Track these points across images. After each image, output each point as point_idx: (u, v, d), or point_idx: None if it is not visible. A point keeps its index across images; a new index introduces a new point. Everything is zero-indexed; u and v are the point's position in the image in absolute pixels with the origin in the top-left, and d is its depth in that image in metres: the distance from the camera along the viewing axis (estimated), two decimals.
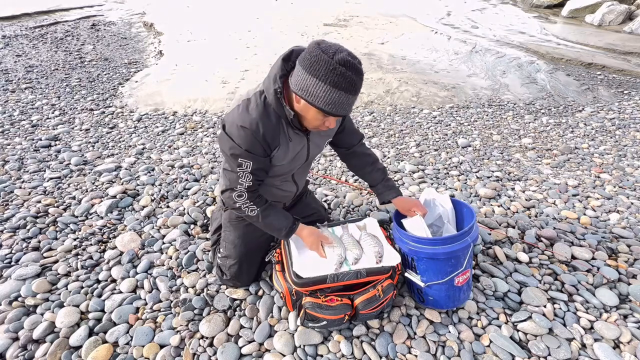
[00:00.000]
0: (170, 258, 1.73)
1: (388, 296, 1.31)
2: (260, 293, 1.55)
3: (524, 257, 1.71)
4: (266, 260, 1.50)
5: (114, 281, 1.61)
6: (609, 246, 1.80)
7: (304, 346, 1.32)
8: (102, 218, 1.98)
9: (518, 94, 4.13)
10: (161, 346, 1.34)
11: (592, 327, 1.39)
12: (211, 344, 1.35)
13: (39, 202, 2.07)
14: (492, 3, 9.46)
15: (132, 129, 3.15)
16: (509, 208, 2.15)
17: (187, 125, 3.26)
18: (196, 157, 2.70)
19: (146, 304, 1.49)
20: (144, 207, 2.07)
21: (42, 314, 1.43)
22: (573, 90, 4.26)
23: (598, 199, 2.24)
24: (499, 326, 1.40)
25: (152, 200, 2.14)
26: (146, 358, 1.30)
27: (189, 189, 2.26)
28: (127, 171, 2.44)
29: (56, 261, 1.69)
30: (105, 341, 1.35)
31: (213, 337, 1.36)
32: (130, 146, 2.85)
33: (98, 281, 1.60)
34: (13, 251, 1.73)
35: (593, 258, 1.71)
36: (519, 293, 1.54)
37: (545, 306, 1.46)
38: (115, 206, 2.07)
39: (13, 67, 4.43)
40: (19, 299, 1.49)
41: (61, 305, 1.47)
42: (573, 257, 1.72)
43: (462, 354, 1.30)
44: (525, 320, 1.41)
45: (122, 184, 2.27)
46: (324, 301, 1.27)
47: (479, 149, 2.92)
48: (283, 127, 1.21)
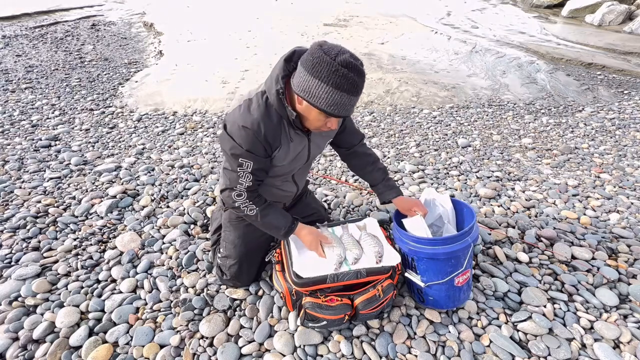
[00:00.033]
0: (170, 258, 1.73)
1: (388, 296, 1.31)
2: (260, 293, 1.55)
3: (524, 257, 1.71)
4: (266, 260, 1.50)
5: (114, 281, 1.61)
6: (609, 246, 1.80)
7: (304, 346, 1.32)
8: (102, 218, 1.98)
9: (518, 94, 4.13)
10: (161, 346, 1.34)
11: (592, 327, 1.39)
12: (211, 344, 1.35)
13: (39, 202, 2.07)
14: (492, 3, 9.46)
15: (132, 129, 3.15)
16: (509, 208, 2.15)
17: (187, 125, 3.26)
18: (196, 157, 2.70)
19: (146, 304, 1.49)
20: (144, 207, 2.07)
21: (42, 314, 1.43)
22: (573, 90, 4.26)
23: (598, 199, 2.24)
24: (499, 326, 1.40)
25: (152, 200, 2.14)
26: (146, 358, 1.30)
27: (189, 189, 2.26)
28: (127, 171, 2.44)
29: (56, 261, 1.69)
30: (105, 341, 1.35)
31: (213, 337, 1.36)
32: (130, 146, 2.85)
33: (98, 281, 1.60)
34: (13, 251, 1.73)
35: (593, 258, 1.71)
36: (519, 293, 1.54)
37: (545, 306, 1.46)
38: (115, 206, 2.07)
39: (13, 67, 4.43)
40: (19, 299, 1.49)
41: (61, 305, 1.47)
42: (573, 257, 1.72)
43: (462, 354, 1.30)
44: (525, 320, 1.41)
45: (122, 184, 2.27)
46: (324, 301, 1.27)
47: (479, 149, 2.92)
48: (284, 128, 1.21)
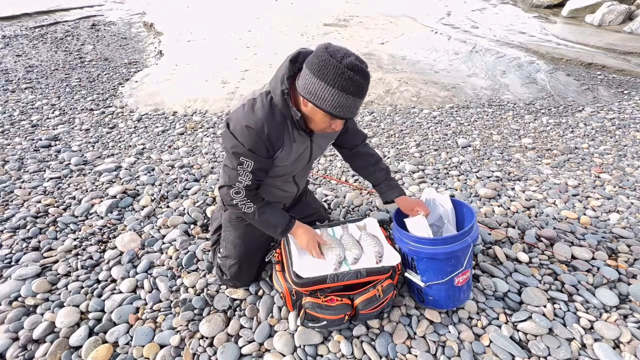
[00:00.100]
0: (170, 258, 1.73)
1: (388, 296, 1.31)
2: (260, 293, 1.55)
3: (524, 257, 1.71)
4: (266, 260, 1.50)
5: (114, 281, 1.61)
6: (609, 246, 1.80)
7: (304, 346, 1.32)
8: (102, 218, 1.98)
9: (518, 94, 4.13)
10: (161, 346, 1.34)
11: (592, 327, 1.39)
12: (211, 344, 1.35)
13: (39, 202, 2.07)
14: (492, 3, 9.46)
15: (132, 129, 3.15)
16: (509, 208, 2.15)
17: (187, 125, 3.26)
18: (196, 157, 2.70)
19: (146, 304, 1.49)
20: (144, 207, 2.07)
21: (42, 314, 1.43)
22: (573, 90, 4.26)
23: (598, 199, 2.24)
24: (499, 326, 1.40)
25: (152, 200, 2.14)
26: (146, 358, 1.30)
27: (189, 189, 2.26)
28: (127, 171, 2.44)
29: (56, 261, 1.69)
30: (105, 341, 1.35)
31: (213, 337, 1.36)
32: (130, 146, 2.85)
33: (98, 281, 1.60)
34: (13, 251, 1.73)
35: (593, 258, 1.71)
36: (519, 293, 1.54)
37: (545, 306, 1.46)
38: (115, 206, 2.07)
39: (13, 67, 4.43)
40: (19, 299, 1.49)
41: (61, 305, 1.47)
42: (573, 257, 1.72)
43: (462, 354, 1.30)
44: (525, 320, 1.41)
45: (122, 184, 2.27)
46: (324, 301, 1.27)
47: (479, 149, 2.92)
48: (288, 128, 1.21)
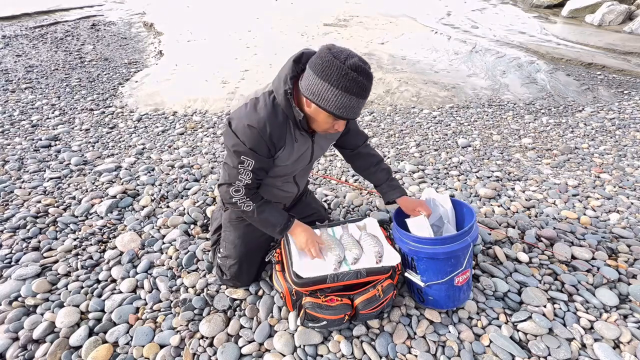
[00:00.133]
0: (170, 258, 1.73)
1: (388, 296, 1.31)
2: (260, 293, 1.55)
3: (524, 257, 1.71)
4: (266, 260, 1.50)
5: (114, 281, 1.61)
6: (609, 246, 1.80)
7: (304, 346, 1.32)
8: (102, 218, 1.98)
9: (518, 94, 4.13)
10: (161, 346, 1.34)
11: (592, 327, 1.39)
12: (211, 344, 1.35)
13: (39, 202, 2.07)
14: (492, 3, 9.46)
15: (132, 129, 3.15)
16: (509, 208, 2.15)
17: (187, 125, 3.26)
18: (196, 157, 2.70)
19: (146, 304, 1.49)
20: (144, 207, 2.07)
21: (42, 314, 1.43)
22: (573, 90, 4.26)
23: (598, 199, 2.24)
24: (499, 326, 1.40)
25: (152, 200, 2.14)
26: (146, 358, 1.30)
27: (189, 189, 2.26)
28: (127, 171, 2.44)
29: (56, 261, 1.69)
30: (105, 341, 1.35)
31: (213, 337, 1.36)
32: (130, 146, 2.85)
33: (98, 281, 1.60)
34: (13, 251, 1.73)
35: (593, 258, 1.71)
36: (519, 293, 1.54)
37: (545, 306, 1.46)
38: (115, 206, 2.07)
39: (13, 67, 4.43)
40: (19, 299, 1.49)
41: (61, 305, 1.47)
42: (573, 257, 1.72)
43: (462, 354, 1.30)
44: (525, 320, 1.41)
45: (122, 184, 2.27)
46: (324, 301, 1.27)
47: (479, 149, 2.92)
48: (290, 128, 1.21)
